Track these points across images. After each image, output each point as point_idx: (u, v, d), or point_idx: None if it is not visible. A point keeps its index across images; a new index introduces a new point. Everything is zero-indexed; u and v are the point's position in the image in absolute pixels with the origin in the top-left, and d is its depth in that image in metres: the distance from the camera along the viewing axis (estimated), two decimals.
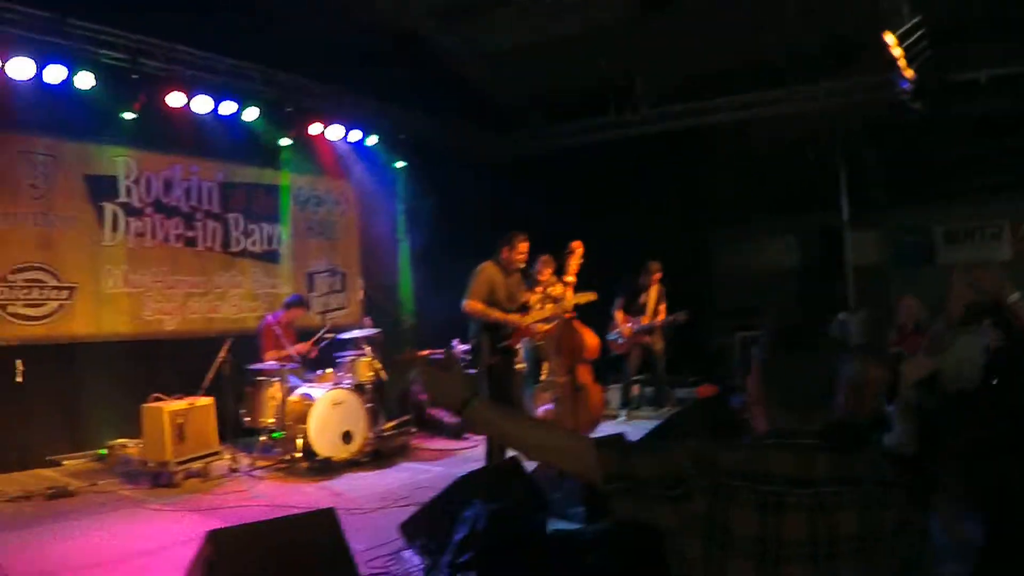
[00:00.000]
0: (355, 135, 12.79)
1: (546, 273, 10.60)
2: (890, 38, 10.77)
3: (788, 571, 2.35)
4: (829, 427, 2.50)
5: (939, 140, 17.34)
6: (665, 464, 2.42)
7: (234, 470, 9.20)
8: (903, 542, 2.45)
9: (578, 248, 10.06)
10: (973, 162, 18.05)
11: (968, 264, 5.56)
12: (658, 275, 12.65)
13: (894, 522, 2.43)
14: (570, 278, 9.89)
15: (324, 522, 5.22)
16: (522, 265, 9.11)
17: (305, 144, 12.51)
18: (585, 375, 10.18)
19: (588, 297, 9.75)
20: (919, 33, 10.78)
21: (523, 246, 8.94)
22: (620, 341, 12.58)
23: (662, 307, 12.62)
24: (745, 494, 2.35)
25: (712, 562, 2.37)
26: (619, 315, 12.60)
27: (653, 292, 12.63)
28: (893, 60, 11.21)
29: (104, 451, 9.80)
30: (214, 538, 4.73)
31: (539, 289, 10.28)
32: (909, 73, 11.59)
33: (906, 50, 11.05)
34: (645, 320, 12.54)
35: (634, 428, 10.39)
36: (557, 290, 10.14)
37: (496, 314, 8.68)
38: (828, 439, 2.48)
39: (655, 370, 12.90)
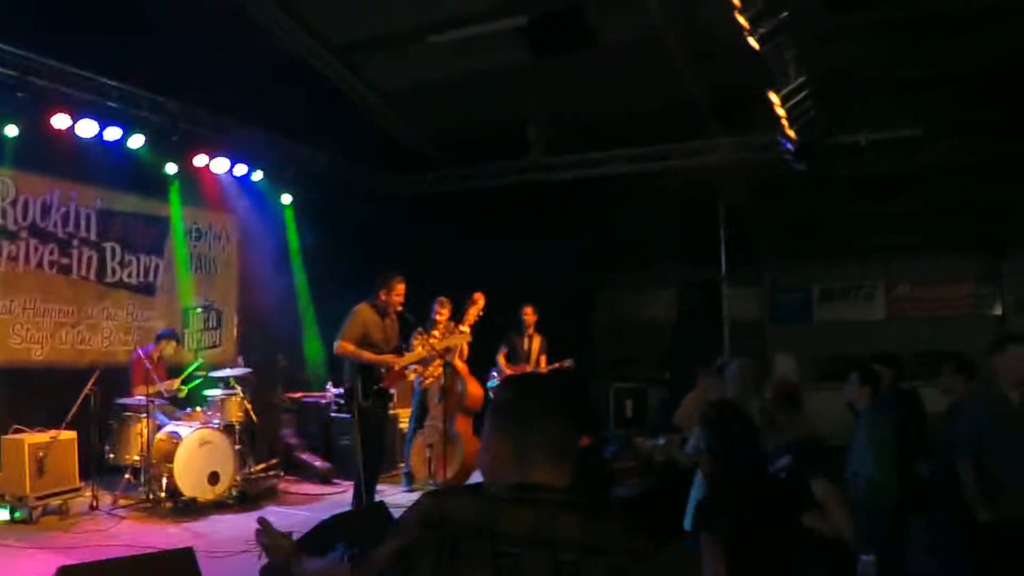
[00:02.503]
0: (241, 169, 12.61)
1: (443, 314, 10.54)
2: (774, 97, 10.99)
3: None
4: (578, 484, 2.35)
5: (820, 199, 17.82)
6: (398, 540, 2.32)
7: (95, 508, 8.97)
8: None
9: (479, 300, 10.13)
10: (852, 223, 18.59)
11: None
12: (533, 318, 12.53)
13: None
14: (465, 328, 9.93)
15: (181, 562, 5.11)
16: (399, 307, 9.09)
17: (190, 175, 12.29)
18: (464, 425, 10.22)
19: (459, 339, 9.79)
20: (804, 93, 11.01)
21: (400, 288, 8.96)
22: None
23: (543, 358, 12.50)
24: (475, 549, 2.21)
25: None
26: (503, 362, 12.55)
27: (535, 340, 12.58)
28: (778, 118, 11.44)
29: None
30: (64, 575, 4.60)
31: (436, 333, 10.20)
32: (791, 133, 11.85)
33: (790, 110, 11.28)
34: (528, 368, 12.48)
35: None
36: (454, 339, 10.10)
37: (368, 355, 8.66)
38: (576, 500, 2.33)
39: None
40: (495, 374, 12.44)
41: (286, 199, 13.85)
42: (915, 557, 6.81)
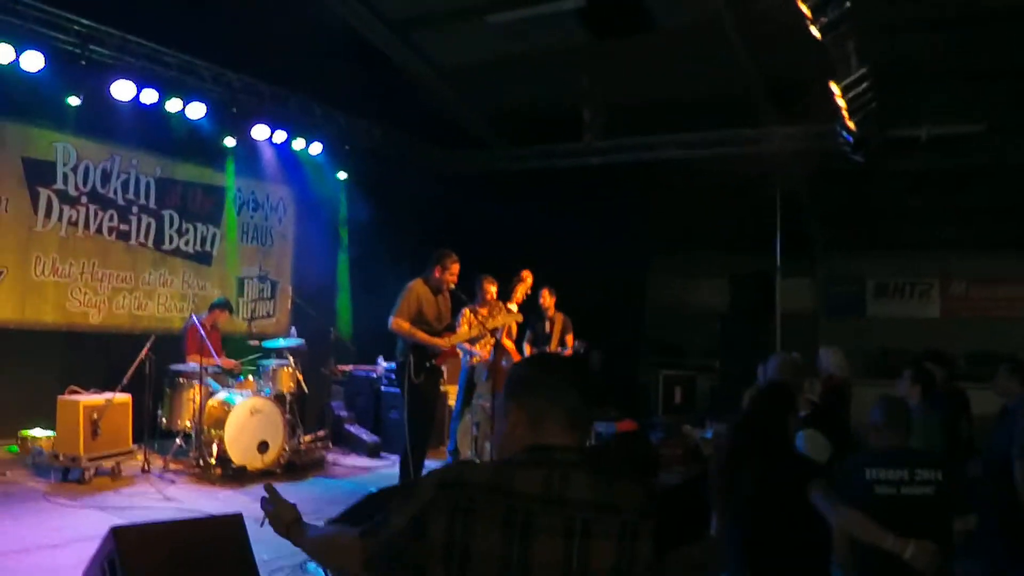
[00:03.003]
0: (299, 142, 12.71)
1: (490, 292, 10.41)
2: (835, 88, 10.88)
3: None
4: (592, 447, 2.44)
5: (878, 192, 17.61)
6: (412, 504, 2.35)
7: (146, 471, 9.10)
8: None
9: (527, 277, 10.13)
10: (910, 217, 18.34)
11: None
12: (552, 299, 12.45)
13: (647, 560, 2.37)
14: (513, 305, 9.93)
15: (230, 528, 5.16)
16: (452, 285, 9.10)
17: (248, 147, 12.41)
18: None
19: (511, 319, 9.77)
20: (865, 84, 10.88)
21: (455, 267, 8.94)
22: None
23: (568, 337, 12.39)
24: (490, 508, 2.27)
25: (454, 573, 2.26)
26: (527, 348, 12.53)
27: (557, 321, 12.49)
28: (837, 109, 11.33)
29: (15, 447, 9.63)
30: (117, 535, 4.67)
31: (483, 310, 10.16)
32: (851, 125, 11.73)
33: (850, 101, 11.15)
34: (549, 350, 12.40)
35: None
36: (506, 318, 10.07)
37: (420, 335, 8.65)
38: (590, 460, 2.41)
39: None
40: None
41: (342, 174, 13.92)
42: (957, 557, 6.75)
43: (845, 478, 4.51)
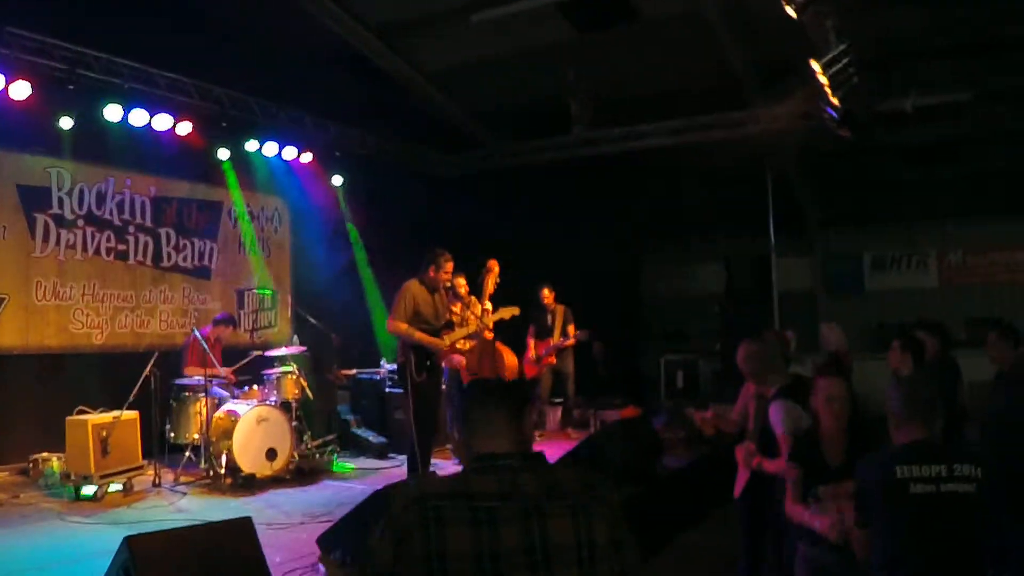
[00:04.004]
0: (290, 152, 12.79)
1: (462, 286, 10.43)
2: (816, 65, 10.96)
3: None
4: (530, 453, 2.77)
5: (869, 167, 17.67)
6: (389, 531, 2.59)
7: (157, 485, 9.21)
8: (621, 559, 2.65)
9: (494, 267, 10.20)
10: (902, 190, 18.38)
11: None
12: (551, 296, 12.67)
13: (608, 536, 2.63)
14: (488, 303, 10.04)
15: (241, 531, 5.30)
16: (448, 284, 9.23)
17: (240, 160, 12.52)
18: None
19: (511, 311, 9.87)
20: (845, 60, 10.97)
21: (449, 265, 9.06)
22: (532, 365, 12.57)
23: (570, 328, 12.62)
24: (458, 512, 2.55)
25: None
26: (531, 342, 12.67)
27: (559, 313, 12.66)
28: (820, 86, 11.41)
29: (28, 470, 9.75)
30: (131, 543, 4.80)
31: (457, 305, 10.21)
32: (835, 100, 11.81)
33: (832, 77, 11.23)
34: (552, 342, 12.56)
35: (552, 448, 10.49)
36: (477, 309, 10.17)
37: (417, 335, 8.76)
38: (529, 460, 2.75)
39: (565, 393, 12.92)
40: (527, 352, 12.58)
41: (336, 180, 14.00)
42: None
43: (872, 478, 4.08)
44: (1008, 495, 6.61)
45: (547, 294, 12.61)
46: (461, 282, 10.36)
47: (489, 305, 10.19)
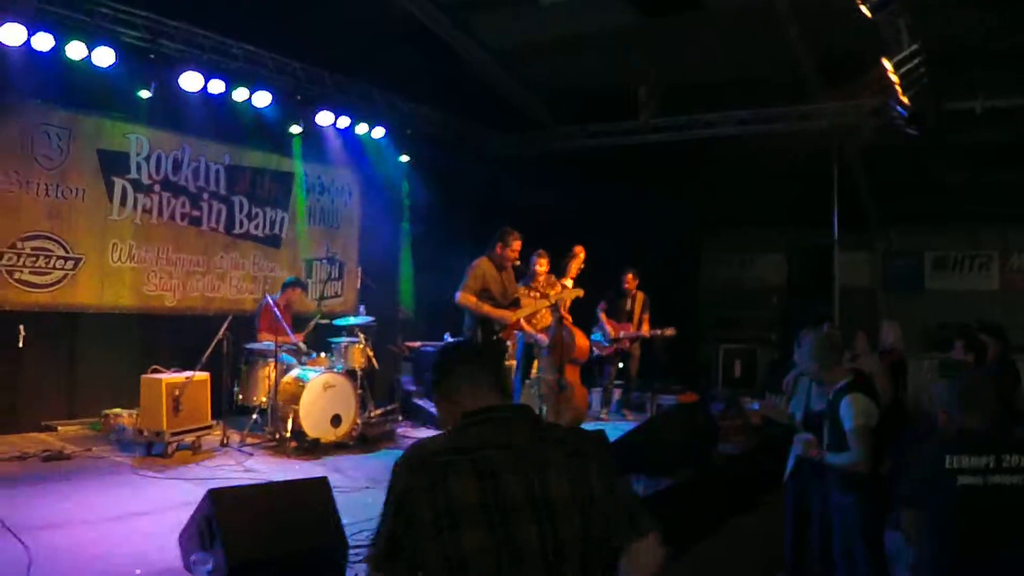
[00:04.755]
0: (362, 127, 13.01)
1: (543, 266, 10.59)
2: (887, 63, 10.98)
3: (516, 532, 2.57)
4: (519, 405, 2.88)
5: (935, 166, 17.55)
6: (393, 500, 2.68)
7: (224, 445, 9.42)
8: (615, 503, 2.74)
9: (580, 252, 10.36)
10: (967, 191, 18.24)
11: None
12: (635, 282, 12.80)
13: (602, 484, 2.72)
14: (568, 281, 10.17)
15: (318, 490, 5.49)
16: (516, 262, 9.39)
17: (313, 133, 12.74)
18: (573, 375, 10.44)
19: (574, 293, 10.00)
20: (917, 60, 10.98)
21: (517, 244, 9.25)
22: (605, 344, 12.69)
23: (646, 317, 12.76)
24: (460, 464, 2.61)
25: (447, 546, 2.56)
26: (604, 318, 12.76)
27: (638, 300, 12.78)
28: (891, 85, 11.43)
29: (99, 424, 10.05)
30: (214, 496, 5.00)
31: (535, 284, 10.37)
32: (905, 99, 11.82)
33: (903, 76, 11.25)
34: (632, 328, 12.68)
35: (614, 429, 10.62)
36: (555, 290, 10.31)
37: (487, 308, 8.99)
38: (523, 412, 2.85)
39: (628, 375, 13.03)
40: (598, 329, 12.67)
41: (404, 157, 14.21)
42: None
43: (924, 469, 4.14)
44: None
45: (631, 279, 12.78)
46: (543, 262, 10.52)
47: (569, 283, 10.33)
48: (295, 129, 12.36)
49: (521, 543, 2.57)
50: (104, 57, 9.79)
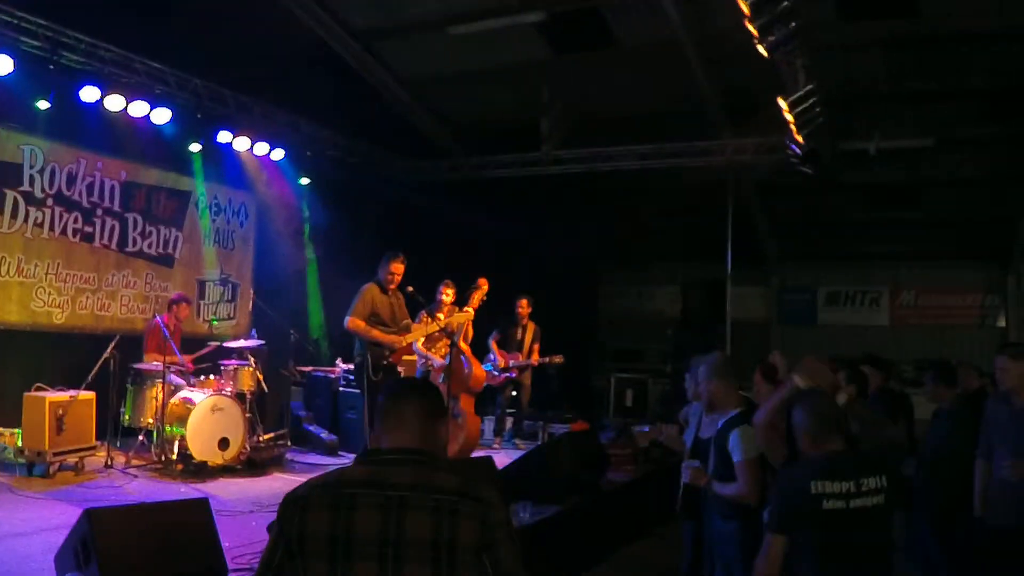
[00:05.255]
0: (262, 148, 12.90)
1: (449, 296, 10.61)
2: (783, 103, 11.24)
3: (358, 569, 2.58)
4: (425, 451, 2.83)
5: (829, 204, 18.04)
6: (275, 530, 2.75)
7: (109, 466, 9.24)
8: (494, 557, 2.64)
9: (483, 284, 10.40)
10: (860, 228, 18.77)
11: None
12: (528, 309, 12.79)
13: (476, 537, 2.62)
14: (469, 311, 10.20)
15: (198, 511, 5.44)
16: (393, 285, 9.45)
17: (212, 152, 12.61)
18: (467, 404, 10.47)
19: (463, 317, 10.06)
20: (812, 100, 11.26)
21: (394, 266, 9.37)
22: (495, 374, 12.67)
23: (536, 346, 12.77)
24: (323, 498, 2.67)
25: (298, 573, 2.64)
26: (495, 348, 12.77)
27: (529, 329, 12.77)
28: (786, 123, 11.69)
29: None
30: (91, 516, 4.93)
31: (440, 315, 10.33)
32: (799, 138, 12.10)
33: (798, 115, 11.52)
34: (521, 357, 12.66)
35: (507, 457, 10.66)
36: (458, 318, 10.32)
37: (376, 333, 9.06)
38: (418, 457, 2.79)
39: (520, 404, 12.96)
40: (491, 358, 12.68)
41: (304, 179, 14.12)
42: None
43: (791, 492, 4.19)
44: (934, 521, 6.92)
45: (524, 305, 12.67)
46: (448, 292, 10.55)
47: (470, 314, 10.34)
48: (195, 147, 12.20)
49: None
50: (2, 65, 9.58)
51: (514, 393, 12.88)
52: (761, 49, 10.05)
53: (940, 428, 7.30)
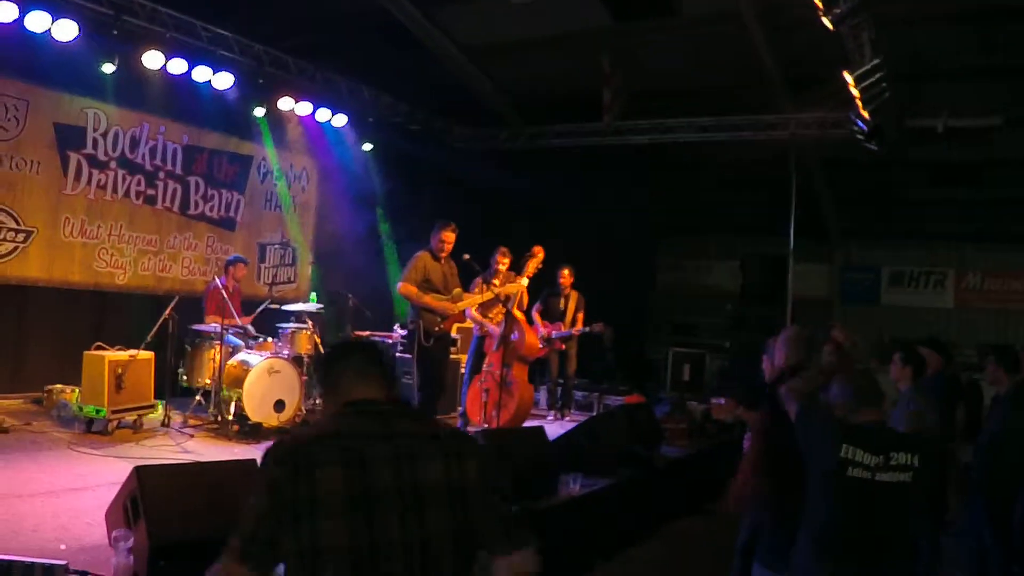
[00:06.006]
0: (324, 114, 12.97)
1: (504, 264, 10.57)
2: (848, 76, 11.06)
3: (377, 522, 2.53)
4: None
5: (895, 181, 17.69)
6: (259, 488, 2.59)
7: (166, 425, 9.39)
8: (489, 506, 2.74)
9: (539, 252, 10.34)
10: (926, 207, 18.40)
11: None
12: (570, 279, 12.62)
13: (479, 477, 2.73)
14: (525, 280, 10.19)
15: (245, 472, 5.47)
16: (444, 253, 9.48)
17: (274, 117, 12.73)
18: (519, 372, 10.45)
19: (516, 287, 10.05)
20: (878, 75, 11.06)
21: (445, 234, 9.41)
22: (540, 345, 12.57)
23: (580, 316, 12.61)
24: (327, 453, 2.57)
25: (304, 536, 2.50)
26: (538, 318, 12.65)
27: (572, 299, 12.62)
28: (852, 98, 11.51)
29: (41, 399, 10.00)
30: (140, 474, 4.99)
31: (496, 281, 10.28)
32: (865, 113, 11.90)
33: (864, 90, 11.32)
34: (564, 327, 12.55)
35: (560, 427, 10.66)
36: (510, 287, 10.30)
37: (428, 299, 9.10)
38: (405, 407, 2.91)
39: (565, 375, 12.83)
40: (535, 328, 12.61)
41: (367, 145, 14.17)
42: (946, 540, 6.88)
43: (817, 441, 4.16)
44: (989, 506, 6.79)
45: (566, 275, 12.48)
46: (504, 260, 10.54)
47: (525, 282, 10.33)
48: (256, 112, 12.29)
49: (379, 533, 2.54)
50: (67, 30, 9.67)
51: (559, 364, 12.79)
52: (826, 21, 9.88)
53: (998, 413, 7.16)
